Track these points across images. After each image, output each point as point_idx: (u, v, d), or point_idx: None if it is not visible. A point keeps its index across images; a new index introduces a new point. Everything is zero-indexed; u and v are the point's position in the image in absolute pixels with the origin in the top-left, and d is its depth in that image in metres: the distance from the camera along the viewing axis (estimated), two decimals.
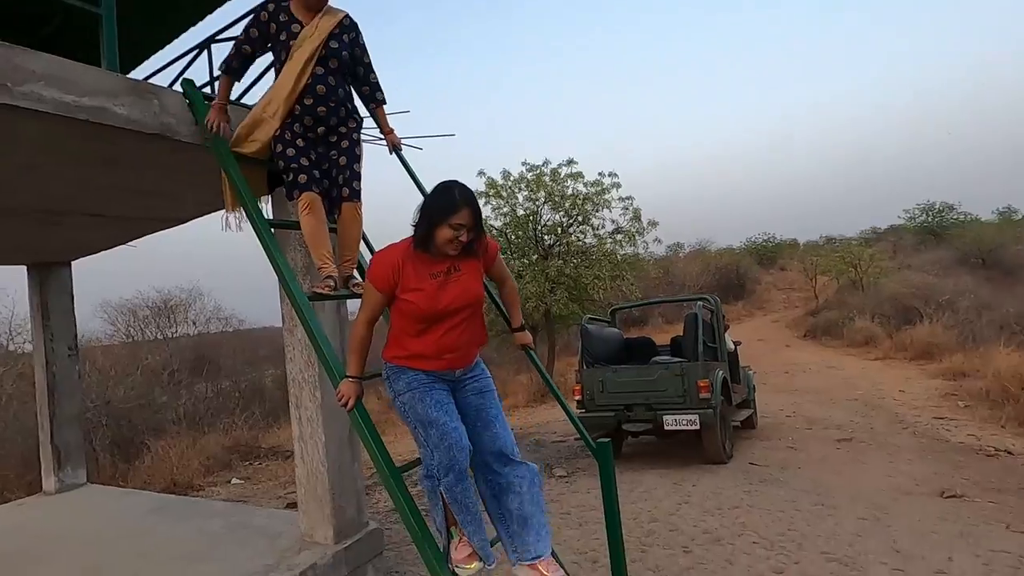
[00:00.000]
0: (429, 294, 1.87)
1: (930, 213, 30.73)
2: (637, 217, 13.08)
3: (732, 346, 6.90)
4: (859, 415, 7.49)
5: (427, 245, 1.88)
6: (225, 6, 4.44)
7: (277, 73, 2.51)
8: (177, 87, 2.81)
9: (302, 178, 2.42)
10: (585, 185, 12.97)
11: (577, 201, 12.78)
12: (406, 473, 2.15)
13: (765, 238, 35.67)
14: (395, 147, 2.83)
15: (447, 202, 1.86)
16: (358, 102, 2.75)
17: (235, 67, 2.54)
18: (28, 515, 4.27)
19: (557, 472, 5.64)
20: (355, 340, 2.02)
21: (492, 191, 13.11)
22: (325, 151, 2.55)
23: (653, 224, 13.20)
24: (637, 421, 5.58)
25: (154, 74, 4.37)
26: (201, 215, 4.12)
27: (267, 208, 2.98)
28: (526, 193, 13.16)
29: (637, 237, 13.11)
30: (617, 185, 12.94)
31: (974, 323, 12.54)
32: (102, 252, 4.99)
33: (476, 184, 14.59)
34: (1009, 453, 5.33)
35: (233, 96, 3.08)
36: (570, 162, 13.05)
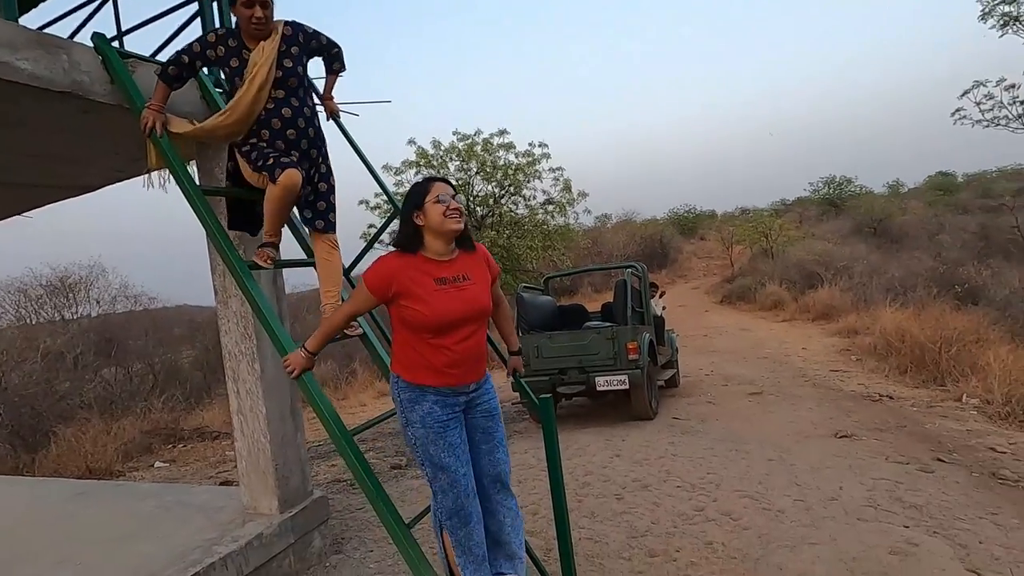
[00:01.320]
0: (435, 303, 1.79)
1: (831, 186, 33.34)
2: (568, 188, 13.37)
3: (659, 311, 7.31)
4: (768, 371, 8.19)
5: (414, 243, 1.84)
6: None
7: (229, 99, 2.40)
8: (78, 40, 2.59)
9: (284, 159, 2.33)
10: (516, 155, 13.05)
11: (509, 171, 12.85)
12: (358, 436, 2.20)
13: (687, 209, 37.44)
14: (333, 114, 2.79)
15: (417, 188, 1.86)
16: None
17: (172, 75, 2.36)
18: None
19: None
20: (330, 323, 1.96)
21: (423, 160, 12.91)
22: (304, 175, 2.45)
23: (583, 195, 13.54)
24: (571, 383, 5.85)
25: (47, 25, 3.96)
26: (112, 183, 3.83)
27: (193, 173, 2.85)
28: (457, 163, 13.07)
29: (568, 208, 13.41)
30: (547, 155, 13.12)
31: (866, 286, 13.87)
32: None
33: (406, 153, 14.24)
34: (890, 398, 6.07)
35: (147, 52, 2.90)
36: (502, 132, 13.06)
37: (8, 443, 8.14)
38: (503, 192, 13.15)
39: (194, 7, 3.10)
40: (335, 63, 2.66)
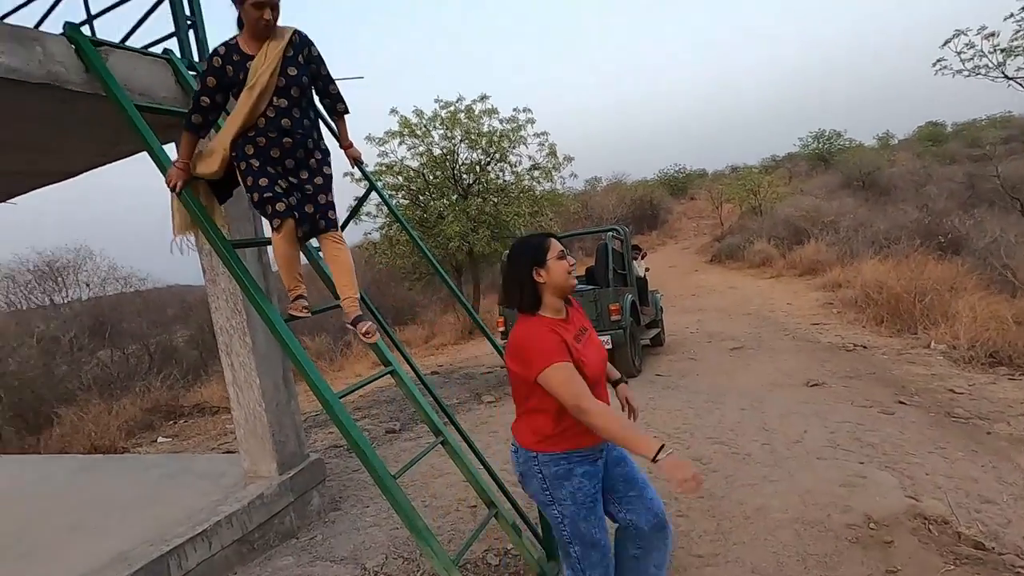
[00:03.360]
0: (587, 357, 1.72)
1: (820, 140, 33.16)
2: (553, 153, 13.32)
3: (641, 272, 7.48)
4: (751, 327, 8.44)
5: (535, 304, 1.74)
6: None
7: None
8: (45, 29, 2.63)
9: (280, 206, 2.33)
10: (500, 121, 12.96)
11: (493, 138, 12.77)
12: (354, 404, 2.36)
13: (676, 169, 37.27)
14: (356, 160, 2.76)
15: (535, 244, 1.76)
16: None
17: (196, 123, 2.33)
18: None
19: (486, 399, 6.06)
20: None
21: (406, 130, 12.80)
22: (297, 183, 2.41)
23: (568, 159, 13.51)
24: None
25: (14, 11, 3.93)
26: (93, 167, 3.90)
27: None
28: (441, 131, 12.97)
29: (554, 173, 13.40)
30: (532, 121, 13.02)
31: (852, 240, 14.04)
32: None
33: (389, 123, 14.13)
34: (864, 347, 6.32)
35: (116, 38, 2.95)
36: (483, 98, 12.92)
37: (12, 426, 8.36)
38: (488, 159, 13.11)
39: None
40: (339, 104, 2.54)
